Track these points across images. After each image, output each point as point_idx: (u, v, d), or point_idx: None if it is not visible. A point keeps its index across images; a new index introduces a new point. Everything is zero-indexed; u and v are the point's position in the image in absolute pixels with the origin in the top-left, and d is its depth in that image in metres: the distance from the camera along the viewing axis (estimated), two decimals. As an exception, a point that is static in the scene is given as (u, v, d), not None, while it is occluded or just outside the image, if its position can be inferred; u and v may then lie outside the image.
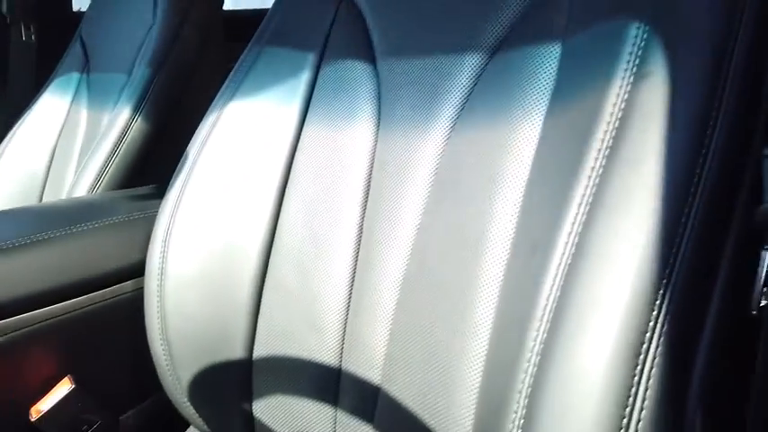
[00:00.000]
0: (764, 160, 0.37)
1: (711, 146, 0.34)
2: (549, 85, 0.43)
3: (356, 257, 0.53)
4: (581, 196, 0.36)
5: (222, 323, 0.59)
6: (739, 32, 0.36)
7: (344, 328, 0.52)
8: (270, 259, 0.59)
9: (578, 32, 0.42)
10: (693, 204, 0.34)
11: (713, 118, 0.35)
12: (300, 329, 0.55)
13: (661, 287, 0.32)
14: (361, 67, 0.58)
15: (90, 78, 1.14)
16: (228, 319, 0.59)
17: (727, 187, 0.35)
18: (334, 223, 0.55)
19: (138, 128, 0.92)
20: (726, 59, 0.35)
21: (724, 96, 0.35)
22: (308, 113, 0.60)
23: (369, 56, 0.58)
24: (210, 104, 0.66)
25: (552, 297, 0.35)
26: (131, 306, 0.65)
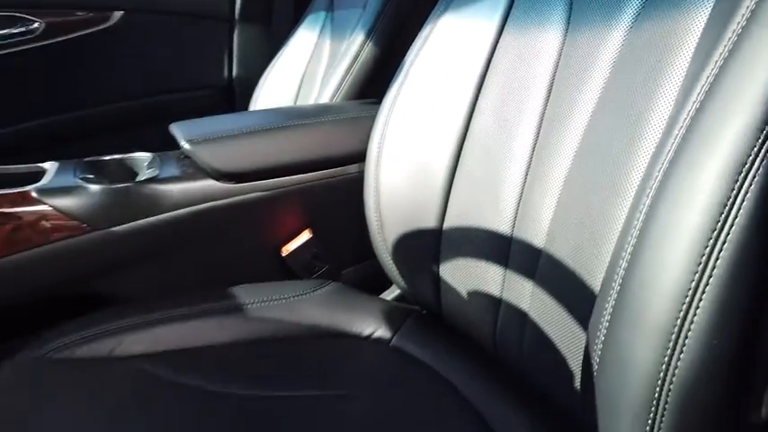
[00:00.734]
0: None
1: None
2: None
3: (536, 140, 0.60)
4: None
5: (422, 200, 0.70)
6: None
7: (519, 201, 0.61)
8: (462, 151, 0.68)
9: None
10: None
11: None
12: (483, 208, 0.64)
13: None
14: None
15: (333, 14, 1.30)
16: (427, 197, 0.70)
17: None
18: (519, 112, 0.62)
19: (370, 50, 1.07)
20: None
21: None
22: (507, 21, 0.67)
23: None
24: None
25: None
26: (356, 184, 0.79)
